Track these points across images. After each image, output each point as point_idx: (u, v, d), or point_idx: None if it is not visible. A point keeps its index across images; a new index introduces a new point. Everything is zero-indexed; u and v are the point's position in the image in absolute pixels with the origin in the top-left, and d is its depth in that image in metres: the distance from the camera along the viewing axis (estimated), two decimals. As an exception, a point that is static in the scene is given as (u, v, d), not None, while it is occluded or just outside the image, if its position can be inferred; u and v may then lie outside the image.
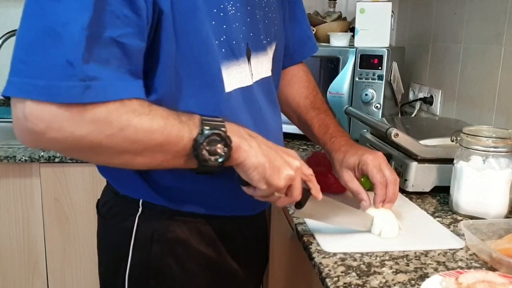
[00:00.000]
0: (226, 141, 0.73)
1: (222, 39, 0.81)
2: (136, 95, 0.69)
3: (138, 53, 0.71)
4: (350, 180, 1.02)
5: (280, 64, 1.05)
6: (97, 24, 0.64)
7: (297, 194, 0.82)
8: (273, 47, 0.98)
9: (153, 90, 0.77)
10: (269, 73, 0.95)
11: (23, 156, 1.66)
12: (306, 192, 0.86)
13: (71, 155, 0.75)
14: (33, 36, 0.63)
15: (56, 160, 1.69)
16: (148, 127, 0.68)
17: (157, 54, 0.75)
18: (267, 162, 0.76)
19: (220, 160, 0.73)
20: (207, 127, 0.72)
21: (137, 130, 0.68)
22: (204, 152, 0.72)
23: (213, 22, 0.79)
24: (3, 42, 2.00)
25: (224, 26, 0.81)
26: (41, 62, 0.62)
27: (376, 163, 1.00)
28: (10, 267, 1.78)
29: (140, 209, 0.88)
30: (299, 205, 0.86)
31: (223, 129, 0.73)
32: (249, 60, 0.88)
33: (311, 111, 1.12)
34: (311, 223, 1.01)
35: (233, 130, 0.75)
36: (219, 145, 0.72)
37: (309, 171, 0.85)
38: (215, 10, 0.80)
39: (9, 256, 1.77)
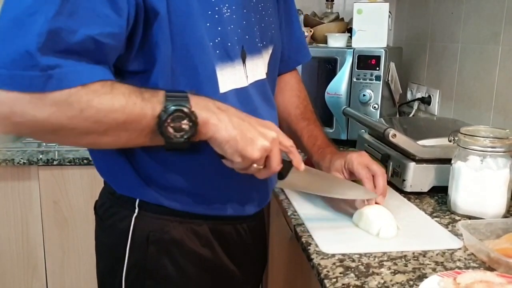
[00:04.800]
0: (190, 117, 0.72)
1: (216, 40, 0.82)
2: (99, 78, 0.69)
3: (113, 52, 0.72)
4: None
5: (277, 68, 1.06)
6: (67, 18, 0.64)
7: (275, 165, 0.80)
8: (269, 51, 0.98)
9: (151, 87, 0.77)
10: (264, 76, 0.96)
11: (21, 159, 1.66)
12: (287, 163, 0.85)
13: (39, 138, 0.77)
14: (2, 26, 0.65)
15: (55, 163, 1.69)
16: (109, 107, 0.68)
17: (154, 54, 0.76)
18: (239, 135, 0.75)
19: (186, 136, 0.73)
20: (171, 104, 0.72)
21: (98, 110, 0.68)
22: (169, 128, 0.72)
23: (208, 24, 0.80)
24: None
25: (219, 28, 0.82)
26: (6, 52, 0.63)
27: (360, 161, 1.02)
28: (9, 270, 1.78)
29: (136, 210, 0.89)
30: (281, 176, 0.86)
31: (187, 105, 0.72)
32: (244, 62, 0.88)
33: (301, 122, 1.14)
34: (310, 224, 1.01)
35: (200, 105, 0.74)
36: (184, 121, 0.72)
37: (288, 142, 0.84)
38: (209, 12, 0.80)
39: (8, 258, 1.77)
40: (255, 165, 0.79)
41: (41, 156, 1.68)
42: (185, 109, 0.72)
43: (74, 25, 0.65)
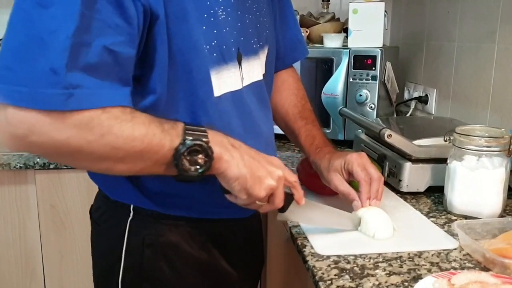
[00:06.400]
0: (207, 152, 0.73)
1: (213, 43, 0.82)
2: (119, 103, 0.69)
3: (129, 61, 0.71)
4: (339, 183, 1.03)
5: (273, 68, 1.05)
6: (85, 33, 0.64)
7: (278, 202, 0.82)
8: (265, 51, 0.98)
9: (148, 93, 0.78)
10: (260, 77, 0.96)
11: (18, 163, 1.65)
12: (289, 197, 0.86)
13: (53, 159, 0.76)
14: (19, 43, 0.64)
15: (51, 166, 1.68)
16: (129, 135, 0.68)
17: (152, 58, 0.76)
18: (248, 173, 0.76)
19: (200, 170, 0.73)
20: (190, 137, 0.72)
21: (117, 137, 0.68)
22: (185, 161, 0.72)
23: (204, 27, 0.80)
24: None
25: (215, 31, 0.82)
26: (26, 69, 0.63)
27: (360, 162, 1.01)
28: (7, 274, 1.77)
29: (131, 214, 0.89)
30: (281, 209, 0.87)
31: (205, 139, 0.73)
32: (240, 64, 0.88)
33: (299, 121, 1.13)
34: (305, 225, 1.01)
35: (215, 140, 0.75)
36: (200, 156, 0.73)
37: (293, 178, 0.85)
38: (205, 15, 0.80)
39: (6, 263, 1.76)
40: (258, 202, 0.80)
41: (37, 160, 1.67)
42: (203, 144, 0.73)
43: (90, 39, 0.65)
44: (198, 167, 0.73)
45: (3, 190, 1.71)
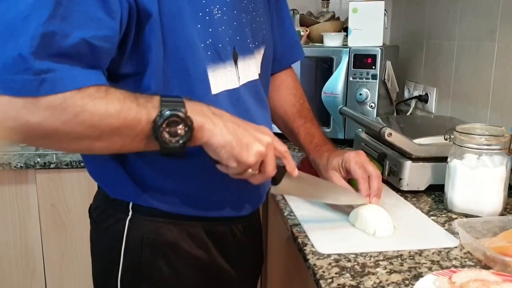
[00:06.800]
0: (186, 122, 0.71)
1: (208, 42, 0.82)
2: (94, 82, 0.68)
3: (107, 55, 0.71)
4: (337, 181, 1.03)
5: (269, 68, 1.05)
6: (61, 22, 0.64)
7: (270, 170, 0.80)
8: (262, 51, 0.98)
9: (143, 90, 0.77)
10: (256, 76, 0.96)
11: (18, 162, 1.66)
12: (281, 169, 0.85)
13: (32, 143, 0.75)
14: None
15: (52, 166, 1.69)
16: (103, 112, 0.68)
17: (146, 56, 0.76)
18: (234, 140, 0.75)
19: (181, 141, 0.72)
20: (166, 109, 0.71)
21: (92, 115, 0.67)
22: (164, 133, 0.71)
23: (199, 25, 0.80)
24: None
25: (210, 30, 0.82)
26: None
27: (358, 160, 1.01)
28: (8, 274, 1.77)
29: (130, 213, 0.89)
30: (274, 181, 0.86)
31: (183, 109, 0.72)
32: (236, 63, 0.88)
33: (298, 119, 1.13)
34: (306, 224, 1.01)
35: (195, 110, 0.74)
36: (179, 126, 0.71)
37: (283, 147, 0.83)
38: (200, 14, 0.80)
39: (7, 262, 1.77)
40: (250, 170, 0.79)
41: (38, 159, 1.68)
42: (181, 114, 0.71)
43: (68, 29, 0.64)
44: (178, 138, 0.71)
45: (3, 190, 1.71)
